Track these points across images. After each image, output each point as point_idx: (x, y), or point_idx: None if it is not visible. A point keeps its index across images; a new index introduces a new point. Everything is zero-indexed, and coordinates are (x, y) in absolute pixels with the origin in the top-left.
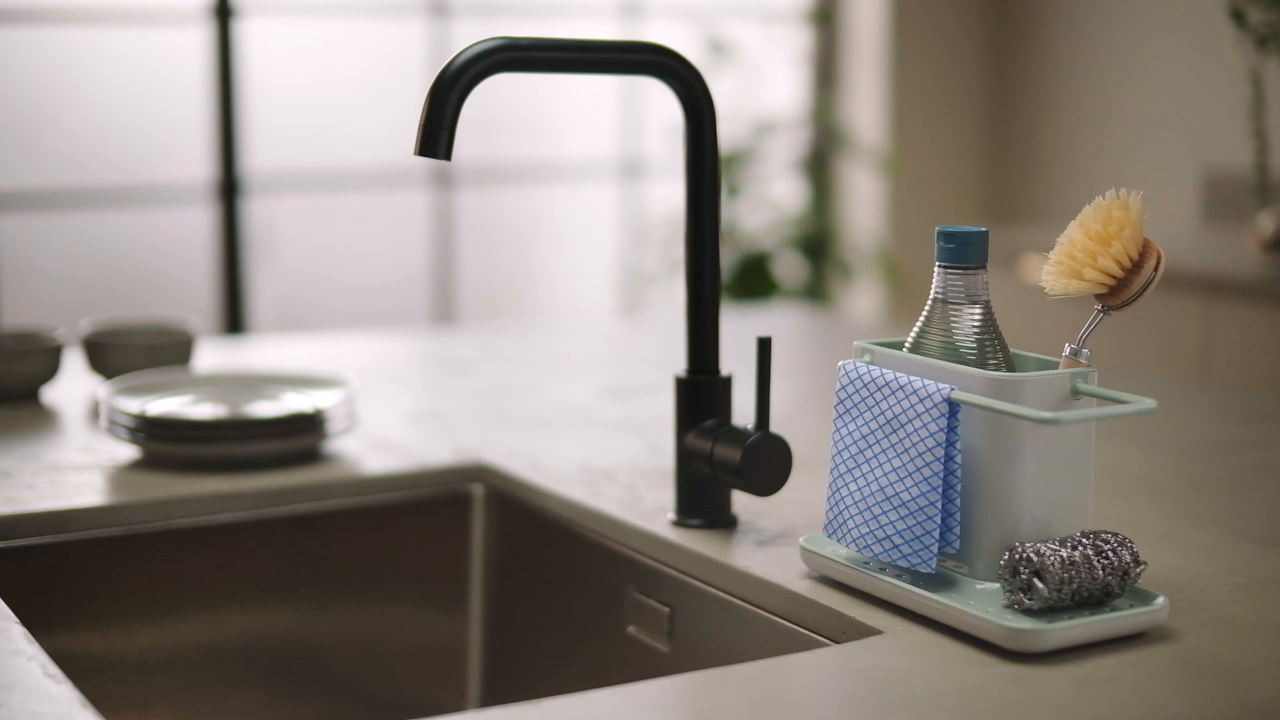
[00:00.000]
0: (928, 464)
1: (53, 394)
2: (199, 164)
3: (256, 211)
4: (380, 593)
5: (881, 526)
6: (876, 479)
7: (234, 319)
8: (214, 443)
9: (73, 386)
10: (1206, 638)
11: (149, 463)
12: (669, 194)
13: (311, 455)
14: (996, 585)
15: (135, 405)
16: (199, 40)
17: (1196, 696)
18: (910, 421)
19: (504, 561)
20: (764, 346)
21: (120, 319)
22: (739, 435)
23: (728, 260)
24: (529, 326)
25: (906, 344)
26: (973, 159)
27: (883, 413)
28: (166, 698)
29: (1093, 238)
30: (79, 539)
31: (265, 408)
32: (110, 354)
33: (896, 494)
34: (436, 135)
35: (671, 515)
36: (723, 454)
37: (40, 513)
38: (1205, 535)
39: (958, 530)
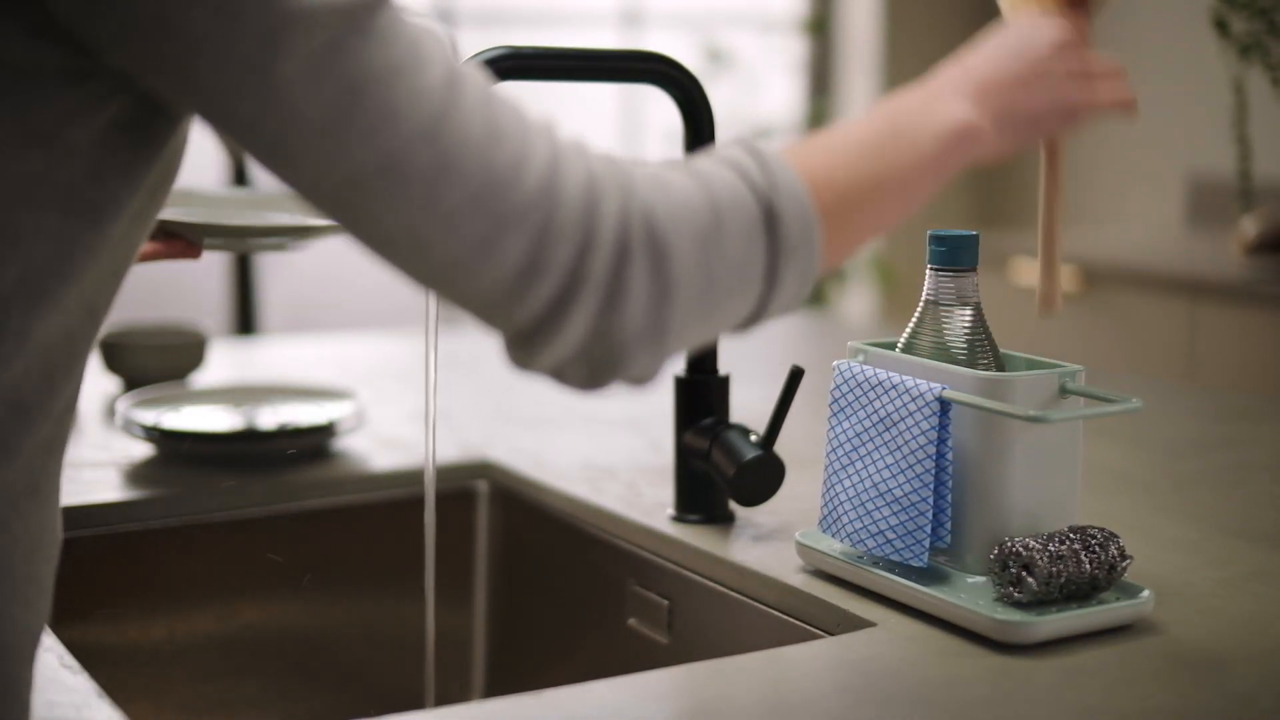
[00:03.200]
0: (920, 461)
1: None
2: (210, 170)
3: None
4: (387, 586)
5: (875, 522)
6: (870, 475)
7: (245, 320)
8: (226, 442)
9: (88, 387)
10: (1191, 630)
11: (162, 460)
12: None
13: (320, 453)
14: (986, 579)
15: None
16: None
17: (1181, 687)
18: (903, 420)
19: (508, 556)
20: (794, 376)
21: (135, 321)
22: (740, 446)
23: None
24: None
25: (899, 344)
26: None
27: (876, 411)
28: (180, 688)
29: None
30: (95, 534)
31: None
32: (125, 355)
33: (889, 490)
34: None
35: (671, 511)
36: (720, 459)
37: None
38: (1190, 530)
39: (949, 525)
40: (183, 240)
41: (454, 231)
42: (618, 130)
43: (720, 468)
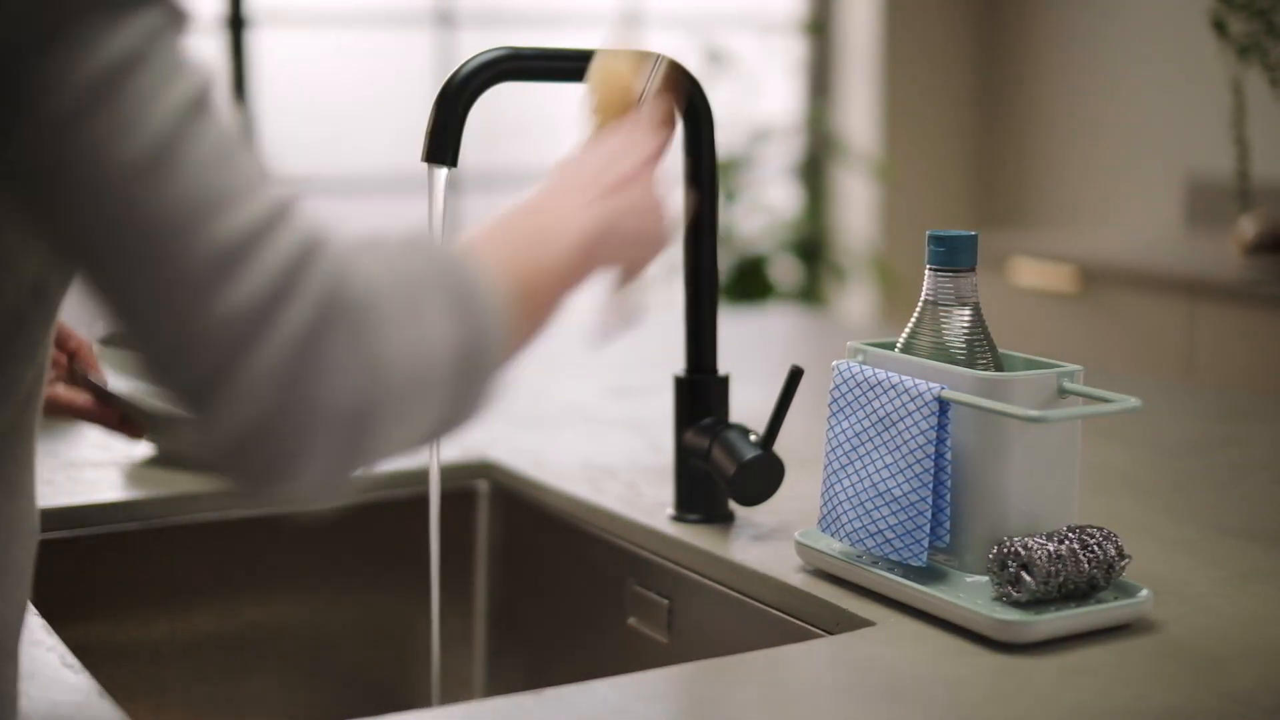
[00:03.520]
0: (919, 460)
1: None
2: None
3: None
4: (388, 585)
5: (874, 521)
6: (869, 475)
7: None
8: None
9: None
10: (1188, 629)
11: (163, 459)
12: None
13: None
14: (985, 578)
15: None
16: (212, 50)
17: (1179, 686)
18: (902, 420)
19: (508, 555)
20: (794, 376)
21: None
22: (740, 446)
23: (725, 263)
24: None
25: (898, 344)
26: (962, 165)
27: (875, 411)
28: (181, 687)
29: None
30: (96, 533)
31: None
32: (127, 354)
33: (888, 490)
34: (443, 142)
35: (671, 510)
36: (719, 459)
37: (59, 508)
38: (1188, 530)
39: (948, 525)
40: (120, 413)
41: (146, 239)
42: None
43: (720, 467)
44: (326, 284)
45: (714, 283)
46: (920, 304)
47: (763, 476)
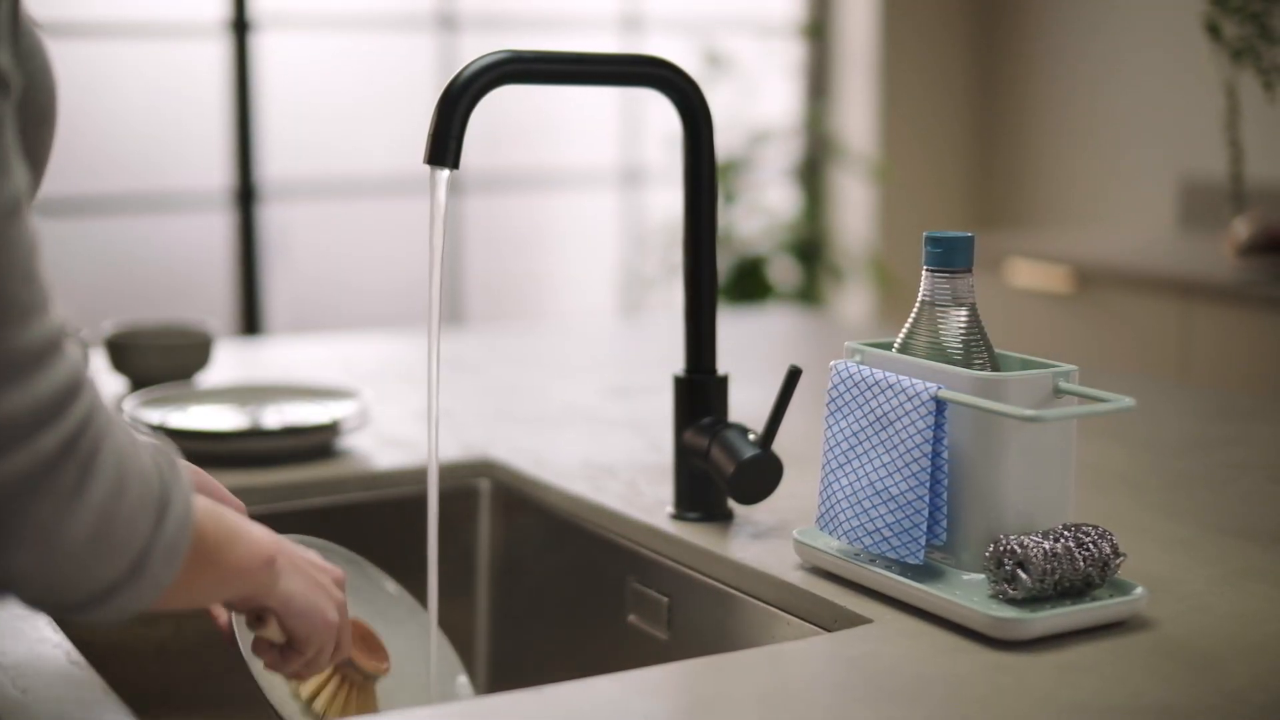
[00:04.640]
0: (916, 460)
1: None
2: (217, 172)
3: (272, 217)
4: None
5: (871, 520)
6: (867, 474)
7: (250, 320)
8: (231, 440)
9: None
10: (1184, 627)
11: None
12: (668, 201)
13: (324, 452)
14: (982, 576)
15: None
16: (217, 53)
17: (1174, 683)
18: (899, 419)
19: (509, 553)
20: (792, 376)
21: (141, 320)
22: (739, 445)
23: (724, 264)
24: (533, 328)
25: (895, 345)
26: (960, 166)
27: (872, 410)
28: (185, 685)
29: None
30: None
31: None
32: (131, 354)
33: (886, 489)
34: (445, 144)
35: (670, 509)
36: (719, 458)
37: None
38: (1183, 528)
39: (945, 523)
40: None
41: None
42: (618, 134)
43: (719, 466)
44: (80, 422)
45: (713, 283)
46: (917, 304)
47: (761, 475)
